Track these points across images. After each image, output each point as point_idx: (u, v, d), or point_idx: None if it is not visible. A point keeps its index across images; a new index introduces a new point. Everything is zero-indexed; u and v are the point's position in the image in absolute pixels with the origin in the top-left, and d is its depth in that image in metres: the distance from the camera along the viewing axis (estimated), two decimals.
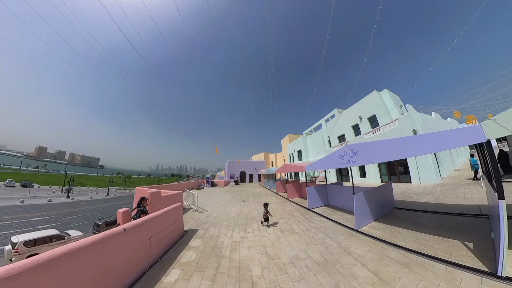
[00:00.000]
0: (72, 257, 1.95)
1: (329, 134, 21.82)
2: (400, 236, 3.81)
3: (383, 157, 3.83)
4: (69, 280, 1.91)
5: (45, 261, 1.72)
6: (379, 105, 15.53)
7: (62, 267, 1.86)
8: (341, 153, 5.10)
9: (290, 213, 6.81)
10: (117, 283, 2.49)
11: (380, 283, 2.41)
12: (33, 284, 1.61)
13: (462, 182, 8.78)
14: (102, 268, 2.30)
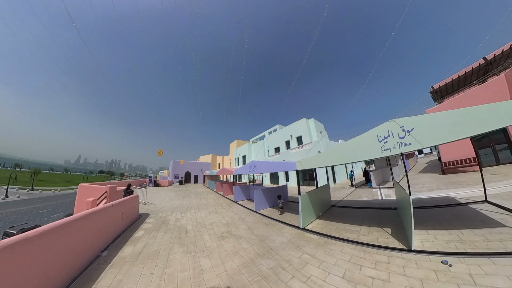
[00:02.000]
0: (82, 220, 4.07)
1: (269, 145, 26.27)
2: (289, 218, 7.18)
3: (267, 170, 7.17)
4: (87, 231, 4.03)
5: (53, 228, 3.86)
6: (305, 129, 20.64)
7: (77, 226, 3.99)
8: (250, 165, 8.32)
9: (220, 204, 9.64)
10: (109, 236, 4.59)
11: (249, 233, 5.46)
12: None
13: (341, 187, 13.78)
14: (102, 226, 4.38)
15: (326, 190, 7.33)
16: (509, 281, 2.18)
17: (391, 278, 2.52)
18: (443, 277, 2.41)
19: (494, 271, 2.38)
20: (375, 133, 3.64)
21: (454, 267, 2.58)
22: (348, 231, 4.46)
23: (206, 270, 3.16)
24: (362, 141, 3.90)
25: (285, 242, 4.19)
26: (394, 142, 3.33)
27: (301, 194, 5.18)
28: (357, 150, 3.93)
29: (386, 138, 3.45)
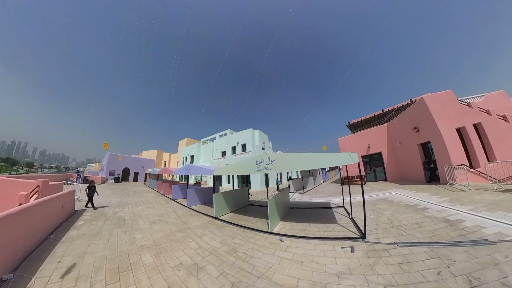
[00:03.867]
0: (34, 207, 5.32)
1: (217, 148, 28.25)
2: (211, 211, 9.35)
3: (198, 172, 9.33)
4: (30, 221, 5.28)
5: None
6: (250, 138, 23.71)
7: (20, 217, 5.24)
8: (186, 168, 10.28)
9: (159, 202, 11.15)
10: (53, 223, 5.77)
11: (176, 220, 7.45)
12: None
13: (269, 191, 17.09)
14: (48, 214, 5.58)
15: (244, 192, 9.99)
16: (304, 250, 4.04)
17: (246, 244, 4.80)
18: (273, 246, 4.41)
19: (303, 245, 4.30)
20: (255, 159, 6.25)
21: (284, 242, 4.58)
22: (245, 220, 7.02)
23: (138, 239, 5.10)
24: (248, 161, 6.51)
25: (198, 225, 6.44)
26: (263, 166, 5.91)
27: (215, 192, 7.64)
28: (245, 167, 6.56)
29: (259, 163, 6.04)
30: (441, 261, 3.16)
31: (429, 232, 4.34)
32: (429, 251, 3.51)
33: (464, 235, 3.96)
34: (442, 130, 9.70)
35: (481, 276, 2.70)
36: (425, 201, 6.82)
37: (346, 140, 17.01)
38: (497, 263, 2.91)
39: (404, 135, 12.92)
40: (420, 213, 5.63)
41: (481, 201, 5.96)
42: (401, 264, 3.21)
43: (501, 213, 4.85)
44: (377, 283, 2.79)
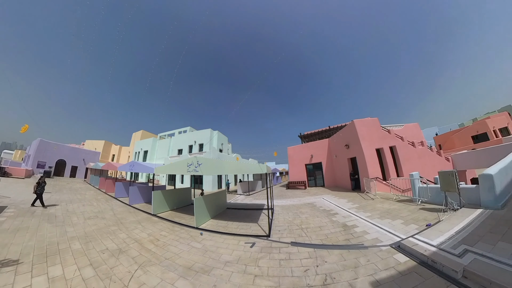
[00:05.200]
0: None
1: (174, 145, 27.67)
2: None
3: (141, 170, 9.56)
4: None
5: None
6: (208, 138, 24.19)
7: None
8: (130, 164, 10.37)
9: (98, 199, 10.88)
10: None
11: (113, 216, 7.60)
12: None
13: None
14: None
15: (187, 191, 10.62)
16: (214, 242, 5.07)
17: (169, 236, 5.57)
18: (192, 238, 5.37)
19: (216, 239, 5.24)
20: (186, 161, 7.06)
21: (202, 235, 5.54)
22: (180, 217, 7.72)
23: (70, 231, 5.44)
24: (181, 163, 7.28)
25: (134, 220, 7.03)
26: (193, 168, 6.81)
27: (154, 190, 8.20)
28: (178, 168, 7.33)
29: (190, 165, 6.92)
30: (315, 260, 3.84)
31: (324, 235, 5.23)
32: (312, 251, 4.26)
33: (348, 240, 4.77)
34: (364, 149, 12.24)
35: (337, 276, 3.26)
36: (340, 207, 8.53)
37: (294, 149, 19.29)
38: (358, 266, 3.53)
39: (339, 150, 15.61)
40: (329, 218, 6.85)
41: (379, 209, 7.29)
42: (282, 260, 3.95)
43: (387, 221, 5.90)
44: (250, 272, 3.54)
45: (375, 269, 3.47)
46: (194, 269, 3.75)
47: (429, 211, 6.33)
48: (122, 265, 3.83)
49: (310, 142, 19.95)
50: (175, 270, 3.70)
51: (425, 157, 14.75)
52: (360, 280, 3.20)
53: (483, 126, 23.78)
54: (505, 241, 3.61)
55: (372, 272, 3.39)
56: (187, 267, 3.82)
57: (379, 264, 3.61)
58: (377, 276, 3.25)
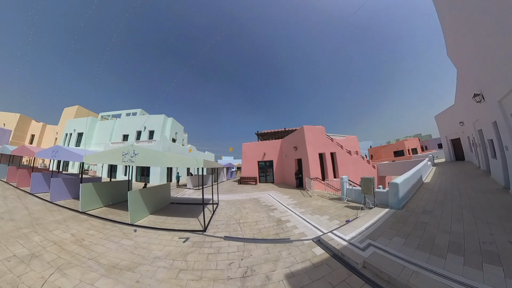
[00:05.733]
0: None
1: (119, 128, 24.20)
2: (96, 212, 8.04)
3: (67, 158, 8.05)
4: None
5: None
6: (160, 125, 22.18)
7: None
8: (53, 150, 8.47)
9: (7, 197, 8.41)
10: None
11: (26, 216, 6.13)
12: None
13: None
14: None
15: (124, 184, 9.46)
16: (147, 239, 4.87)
17: (97, 235, 4.85)
18: (123, 235, 4.86)
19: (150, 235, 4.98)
20: (121, 149, 6.30)
21: (136, 232, 5.16)
22: (115, 214, 6.90)
23: None
24: (116, 151, 6.44)
25: (55, 220, 5.88)
26: (128, 158, 6.06)
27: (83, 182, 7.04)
28: (113, 156, 6.49)
29: (125, 154, 6.20)
30: (241, 254, 4.00)
31: (258, 229, 5.47)
32: (242, 245, 4.42)
33: (278, 234, 5.06)
34: (309, 152, 13.36)
35: (257, 269, 3.44)
36: (281, 202, 9.11)
37: (248, 146, 19.66)
38: (279, 259, 3.78)
39: (289, 151, 16.71)
40: (267, 213, 7.21)
41: (313, 206, 7.90)
42: (211, 254, 4.04)
43: (316, 216, 6.40)
44: (176, 267, 3.55)
45: (293, 261, 3.76)
46: (119, 267, 3.50)
47: (351, 209, 7.26)
48: (34, 271, 3.25)
49: (264, 141, 20.67)
50: (98, 270, 3.38)
51: (358, 164, 17.01)
52: (277, 272, 3.45)
53: (401, 145, 33.66)
54: (399, 236, 4.39)
55: (290, 264, 3.67)
56: (111, 266, 3.53)
57: (298, 257, 3.92)
58: (293, 268, 3.54)
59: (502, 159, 7.11)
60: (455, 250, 3.53)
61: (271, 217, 6.79)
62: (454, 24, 7.10)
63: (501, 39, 4.30)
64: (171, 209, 7.93)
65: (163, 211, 7.53)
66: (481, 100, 7.24)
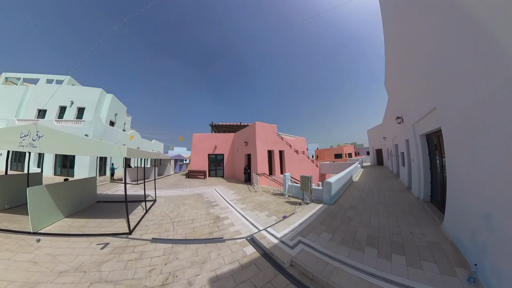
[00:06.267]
0: None
1: (33, 99, 18.57)
2: None
3: None
4: None
5: None
6: (94, 102, 18.47)
7: None
8: None
9: None
10: None
11: None
12: None
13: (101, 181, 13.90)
14: None
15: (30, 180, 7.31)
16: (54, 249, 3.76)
17: None
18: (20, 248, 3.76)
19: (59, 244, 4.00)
20: (18, 129, 4.61)
21: (40, 242, 4.15)
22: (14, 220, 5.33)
23: None
24: (10, 131, 4.66)
25: None
26: (28, 141, 4.48)
27: None
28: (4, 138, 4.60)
29: (24, 136, 4.52)
30: (167, 258, 3.63)
31: (192, 228, 5.08)
32: (170, 248, 4.02)
33: (212, 233, 4.79)
34: (258, 148, 13.48)
35: (180, 274, 3.16)
36: (224, 198, 8.81)
37: (199, 137, 18.65)
38: (206, 261, 3.53)
39: (240, 146, 16.56)
40: (207, 209, 6.84)
41: (255, 201, 7.87)
42: (131, 261, 3.54)
43: (256, 213, 6.35)
44: (87, 280, 3.01)
45: (220, 263, 3.54)
46: None
47: (291, 204, 7.56)
48: None
49: (217, 133, 19.89)
50: None
51: (303, 162, 18.30)
52: (201, 277, 3.20)
53: (341, 150, 41.85)
54: (327, 231, 4.67)
55: (217, 267, 3.44)
56: None
57: (227, 258, 3.72)
58: (219, 271, 3.33)
59: (408, 167, 9.04)
60: (372, 243, 3.98)
61: (210, 214, 6.45)
62: (392, 62, 8.99)
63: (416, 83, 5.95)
64: (96, 210, 6.69)
65: (84, 212, 6.27)
66: (401, 122, 8.98)
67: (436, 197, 6.14)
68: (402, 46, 6.61)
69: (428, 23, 4.31)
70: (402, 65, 7.28)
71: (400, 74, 7.79)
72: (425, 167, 6.68)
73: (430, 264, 3.16)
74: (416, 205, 6.41)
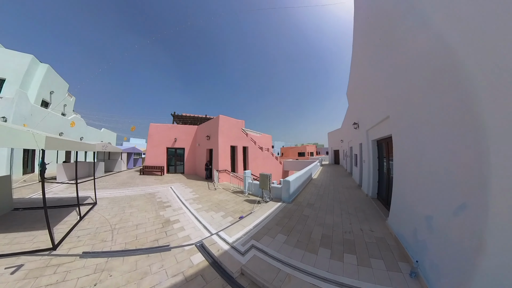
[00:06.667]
0: None
1: None
2: None
3: None
4: None
5: None
6: (22, 73, 14.55)
7: None
8: None
9: None
10: None
11: None
12: None
13: None
14: None
15: None
16: None
17: None
18: None
19: None
20: None
21: None
22: None
23: None
24: None
25: None
26: None
27: None
28: None
29: None
30: (97, 276, 3.03)
31: (134, 236, 4.40)
32: (104, 262, 3.39)
33: (157, 240, 4.19)
34: (220, 143, 12.91)
35: None
36: (180, 197, 7.99)
37: (157, 128, 16.83)
38: (146, 275, 3.06)
39: (202, 140, 15.63)
40: (157, 212, 6.08)
41: (213, 201, 7.42)
42: (50, 285, 2.82)
43: (211, 214, 5.92)
44: None
45: (162, 277, 3.07)
46: None
47: (249, 203, 7.33)
48: None
49: (179, 125, 18.32)
50: None
51: (267, 159, 18.45)
52: None
53: (304, 149, 44.56)
54: (282, 233, 4.52)
55: (157, 282, 2.97)
56: None
57: (171, 270, 3.26)
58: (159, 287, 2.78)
59: (360, 167, 9.95)
60: (325, 243, 3.98)
61: (159, 217, 5.71)
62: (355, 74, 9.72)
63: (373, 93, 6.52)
64: (10, 220, 5.21)
65: None
66: (357, 127, 9.94)
67: (382, 195, 6.85)
68: (367, 59, 7.01)
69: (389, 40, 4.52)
70: (364, 76, 7.85)
71: (361, 85, 8.51)
72: (374, 168, 7.38)
73: (378, 261, 3.30)
74: (366, 201, 6.94)
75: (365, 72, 7.37)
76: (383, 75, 5.07)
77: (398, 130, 4.34)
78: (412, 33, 3.25)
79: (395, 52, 3.92)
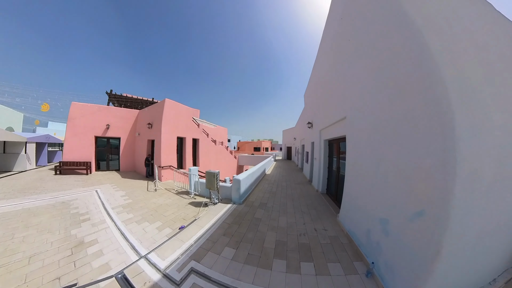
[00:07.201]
0: None
1: None
2: None
3: None
4: None
5: None
6: None
7: None
8: None
9: None
10: None
11: None
12: None
13: None
14: None
15: None
16: None
17: None
18: None
19: None
20: None
21: None
22: None
23: None
24: None
25: None
26: None
27: None
28: None
29: None
30: None
31: (22, 276, 2.91)
32: None
33: (60, 277, 2.90)
34: (164, 133, 10.95)
35: None
36: (105, 205, 6.18)
37: (82, 108, 12.79)
38: None
39: (143, 128, 13.00)
40: (68, 230, 4.41)
41: (149, 206, 6.20)
42: None
43: (144, 225, 4.80)
44: None
45: None
46: None
47: (195, 206, 6.40)
48: None
49: (114, 107, 14.90)
50: None
51: (221, 154, 17.48)
52: None
53: (260, 144, 46.12)
54: (230, 245, 3.81)
55: None
56: None
57: None
58: None
59: (310, 164, 10.53)
60: (280, 253, 3.56)
61: (69, 239, 4.09)
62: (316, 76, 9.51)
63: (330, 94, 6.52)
64: None
65: None
66: (310, 127, 10.17)
67: (331, 190, 7.17)
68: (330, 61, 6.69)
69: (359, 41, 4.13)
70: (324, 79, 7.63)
71: (320, 87, 8.52)
72: (325, 166, 7.63)
73: (335, 265, 3.19)
74: (316, 197, 7.15)
75: (326, 75, 7.29)
76: (345, 77, 4.91)
77: (354, 131, 4.24)
78: (386, 35, 3.00)
79: (364, 54, 3.69)
